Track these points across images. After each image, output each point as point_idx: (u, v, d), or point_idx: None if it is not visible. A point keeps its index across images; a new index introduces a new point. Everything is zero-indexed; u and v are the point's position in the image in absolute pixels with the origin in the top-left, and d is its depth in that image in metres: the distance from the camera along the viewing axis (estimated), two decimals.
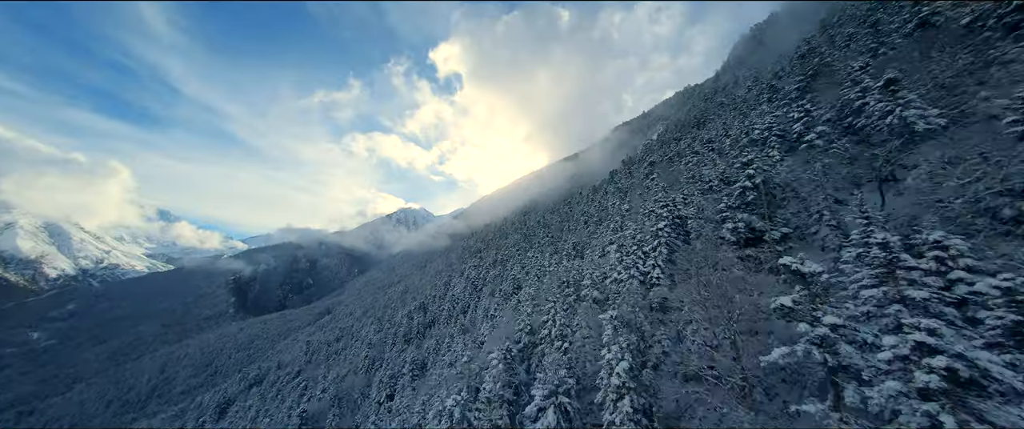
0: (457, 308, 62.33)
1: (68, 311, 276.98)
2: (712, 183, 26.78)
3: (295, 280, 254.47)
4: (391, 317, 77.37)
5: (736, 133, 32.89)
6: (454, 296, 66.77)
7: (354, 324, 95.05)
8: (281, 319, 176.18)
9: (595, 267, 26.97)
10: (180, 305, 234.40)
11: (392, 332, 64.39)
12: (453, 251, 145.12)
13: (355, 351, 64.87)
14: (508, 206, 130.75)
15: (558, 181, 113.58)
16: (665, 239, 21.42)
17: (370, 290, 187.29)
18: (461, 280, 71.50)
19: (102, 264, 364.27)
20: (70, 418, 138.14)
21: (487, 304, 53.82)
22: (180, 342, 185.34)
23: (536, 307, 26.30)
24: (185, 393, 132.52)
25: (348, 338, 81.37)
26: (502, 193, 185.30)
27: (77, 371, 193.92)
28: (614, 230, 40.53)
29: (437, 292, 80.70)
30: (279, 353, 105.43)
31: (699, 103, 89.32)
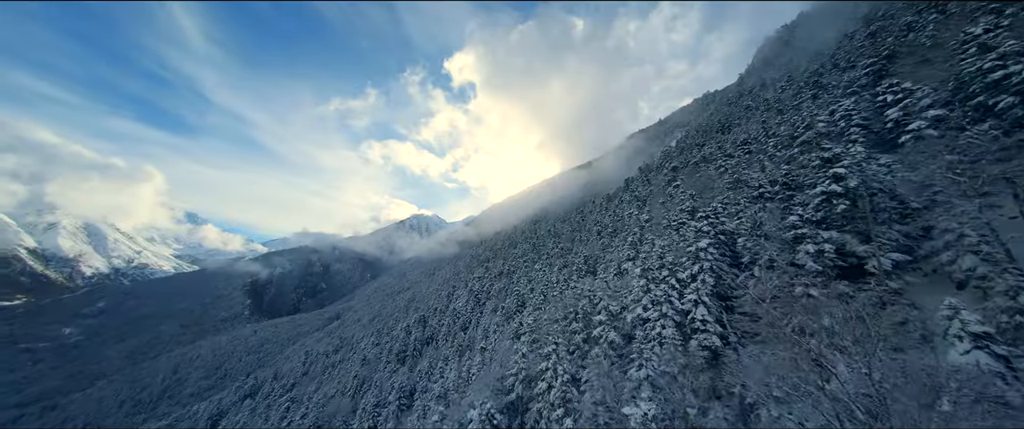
0: (457, 324, 56.60)
1: (98, 308, 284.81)
2: (763, 189, 20.46)
3: (309, 284, 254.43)
4: (391, 329, 72.30)
5: (789, 129, 26.37)
6: (456, 310, 61.14)
7: (356, 333, 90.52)
8: (291, 323, 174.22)
9: (611, 292, 20.96)
10: (199, 306, 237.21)
11: (388, 347, 59.11)
12: (461, 259, 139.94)
13: (348, 367, 59.87)
14: (518, 214, 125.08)
15: (570, 189, 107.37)
16: (710, 263, 15.28)
17: (379, 296, 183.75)
18: (464, 292, 65.92)
19: (133, 264, 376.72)
20: (86, 416, 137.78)
21: (488, 322, 47.96)
22: (195, 343, 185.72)
23: (535, 345, 20.37)
24: (194, 395, 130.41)
25: (347, 349, 76.66)
26: (513, 201, 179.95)
27: (100, 368, 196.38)
28: (632, 244, 34.22)
29: (440, 304, 75.30)
30: (284, 360, 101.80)
31: (722, 107, 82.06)
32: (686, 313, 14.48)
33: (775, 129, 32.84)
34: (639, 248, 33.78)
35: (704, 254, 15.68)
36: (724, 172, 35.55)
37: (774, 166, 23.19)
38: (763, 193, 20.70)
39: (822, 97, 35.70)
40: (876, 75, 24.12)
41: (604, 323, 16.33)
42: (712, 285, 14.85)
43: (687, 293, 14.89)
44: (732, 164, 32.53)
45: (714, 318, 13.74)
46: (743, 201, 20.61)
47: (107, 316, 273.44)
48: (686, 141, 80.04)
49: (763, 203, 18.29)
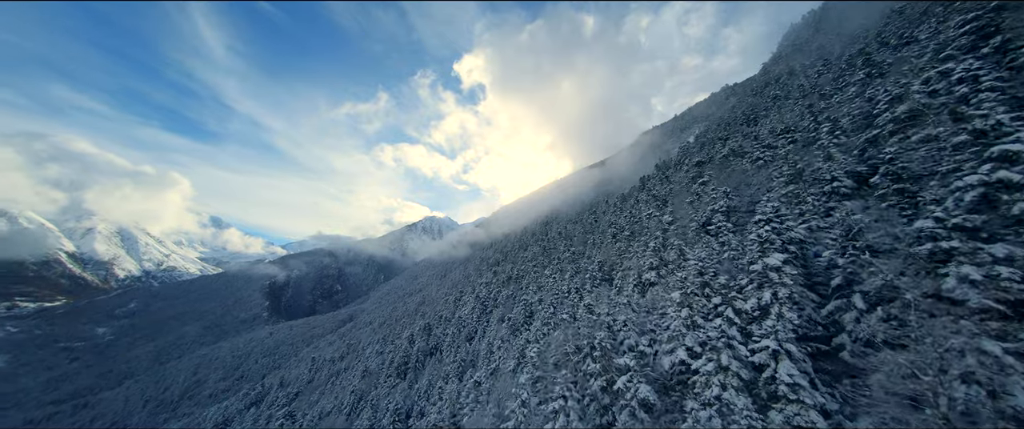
0: (462, 333, 52.19)
1: (129, 309, 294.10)
2: (838, 182, 15.18)
3: (325, 285, 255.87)
4: (396, 335, 68.64)
5: (860, 108, 20.73)
6: (461, 318, 56.77)
7: (363, 339, 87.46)
8: (306, 325, 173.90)
9: (636, 318, 16.04)
10: (221, 307, 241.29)
11: (391, 358, 55.23)
12: (471, 262, 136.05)
13: (350, 377, 56.34)
14: (529, 215, 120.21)
15: (582, 189, 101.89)
16: (790, 290, 10.22)
17: (391, 299, 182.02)
18: (471, 298, 61.53)
19: (162, 266, 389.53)
20: (113, 415, 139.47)
21: (494, 334, 43.34)
22: (216, 344, 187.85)
23: (538, 386, 15.58)
24: (212, 396, 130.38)
25: (352, 356, 73.41)
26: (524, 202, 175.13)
27: (129, 367, 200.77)
28: (655, 250, 28.97)
29: (446, 310, 71.22)
30: (293, 365, 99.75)
31: (746, 99, 75.30)
32: (759, 368, 9.51)
33: (828, 113, 27.14)
34: (663, 255, 28.54)
35: (778, 275, 10.65)
36: (764, 165, 29.91)
37: (844, 154, 17.80)
38: (837, 188, 15.35)
39: (879, 76, 29.83)
40: (978, 34, 18.37)
41: (632, 370, 11.49)
42: (795, 324, 9.85)
43: (758, 335, 9.88)
44: (777, 155, 26.98)
45: (807, 380, 8.72)
46: (812, 199, 15.33)
47: (137, 317, 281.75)
48: (707, 135, 73.63)
49: (862, 200, 13.00)
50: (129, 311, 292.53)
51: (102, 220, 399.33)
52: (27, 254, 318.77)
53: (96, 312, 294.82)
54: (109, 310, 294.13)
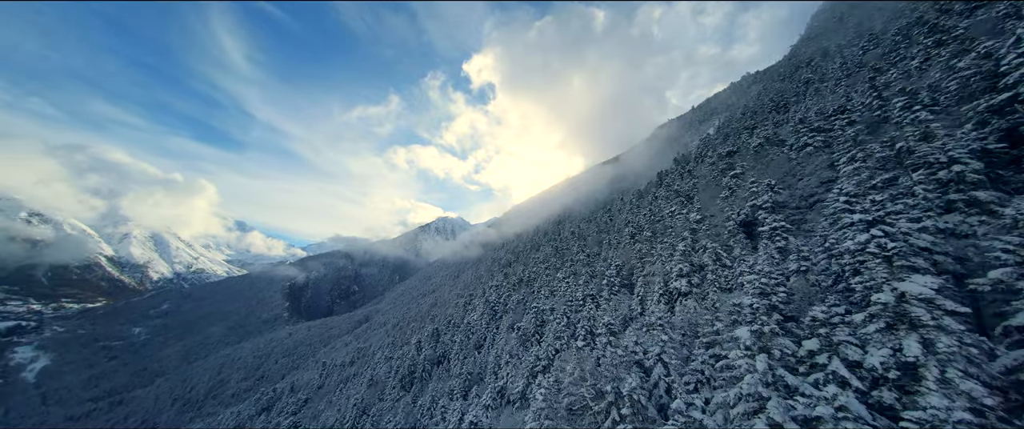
0: (471, 341, 48.71)
1: (162, 310, 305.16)
2: (964, 167, 10.69)
3: (342, 286, 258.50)
4: (405, 340, 65.92)
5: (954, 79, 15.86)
6: (470, 324, 53.33)
7: (373, 343, 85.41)
8: (323, 326, 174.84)
9: (671, 350, 11.97)
10: (245, 308, 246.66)
11: (398, 365, 52.36)
12: (483, 262, 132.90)
13: (357, 385, 53.86)
14: (541, 214, 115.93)
15: (595, 186, 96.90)
16: (959, 340, 6.05)
17: (405, 300, 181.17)
18: (480, 302, 58.00)
19: (192, 269, 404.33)
20: (144, 412, 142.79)
21: (503, 344, 39.62)
22: (239, 344, 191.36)
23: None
24: (235, 396, 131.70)
25: (362, 362, 71.23)
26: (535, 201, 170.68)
27: (160, 366, 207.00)
28: (684, 254, 24.51)
29: (456, 314, 68.05)
30: (306, 369, 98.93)
31: (773, 84, 68.92)
32: None
33: (899, 87, 22.03)
34: (694, 259, 24.09)
35: (928, 312, 6.36)
36: (815, 151, 24.95)
37: (949, 130, 13.14)
38: (962, 173, 10.77)
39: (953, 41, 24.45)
40: None
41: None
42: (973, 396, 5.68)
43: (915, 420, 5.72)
44: (835, 138, 22.11)
45: None
46: (923, 190, 10.83)
47: (169, 317, 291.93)
48: (730, 126, 67.61)
49: (999, 189, 8.56)
50: (162, 312, 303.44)
51: (137, 226, 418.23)
52: (70, 258, 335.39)
53: (132, 313, 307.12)
54: (144, 311, 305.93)
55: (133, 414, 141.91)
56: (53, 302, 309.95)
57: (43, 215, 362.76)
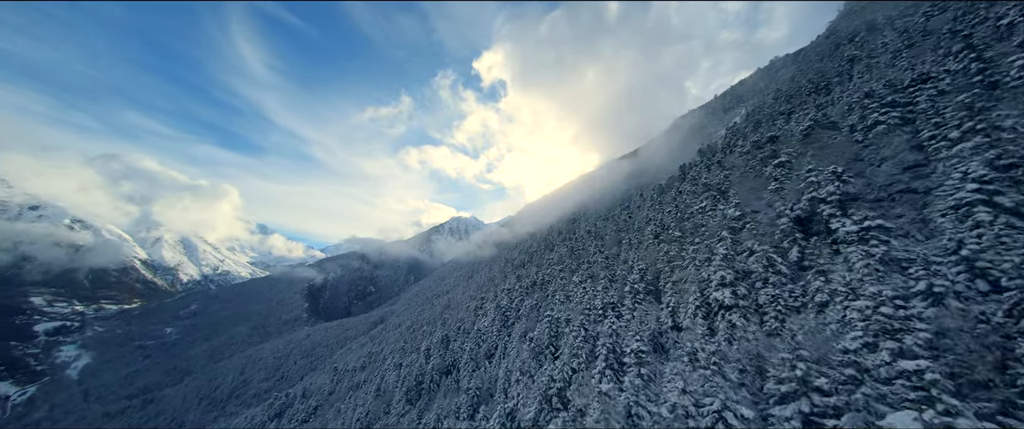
0: (481, 349, 45.72)
1: (191, 311, 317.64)
2: None
3: (359, 287, 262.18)
4: (416, 346, 63.74)
5: None
6: (480, 330, 50.35)
7: (385, 347, 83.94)
8: (339, 327, 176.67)
9: (738, 408, 8.49)
10: (266, 309, 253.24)
11: (406, 373, 50.06)
12: (496, 262, 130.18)
13: (364, 395, 51.93)
14: (555, 213, 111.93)
15: (612, 182, 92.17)
16: None
17: (419, 301, 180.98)
18: (492, 306, 54.92)
19: (218, 271, 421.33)
20: (172, 411, 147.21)
21: (515, 356, 36.38)
22: (261, 344, 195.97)
23: None
24: (256, 396, 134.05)
25: (372, 367, 69.64)
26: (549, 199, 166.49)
27: (189, 365, 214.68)
28: (726, 260, 20.48)
29: (467, 318, 65.38)
30: (320, 372, 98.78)
31: (811, 65, 62.66)
32: None
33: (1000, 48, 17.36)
34: (738, 264, 20.09)
35: None
36: (890, 131, 20.33)
37: None
38: None
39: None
40: None
41: None
42: None
43: None
44: (925, 113, 17.62)
45: None
46: None
47: (197, 317, 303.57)
48: (762, 112, 61.89)
49: None
50: (191, 312, 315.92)
51: (167, 230, 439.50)
52: (109, 262, 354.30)
53: (164, 313, 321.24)
54: (175, 311, 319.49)
55: (163, 412, 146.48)
56: (94, 303, 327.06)
57: (84, 221, 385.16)
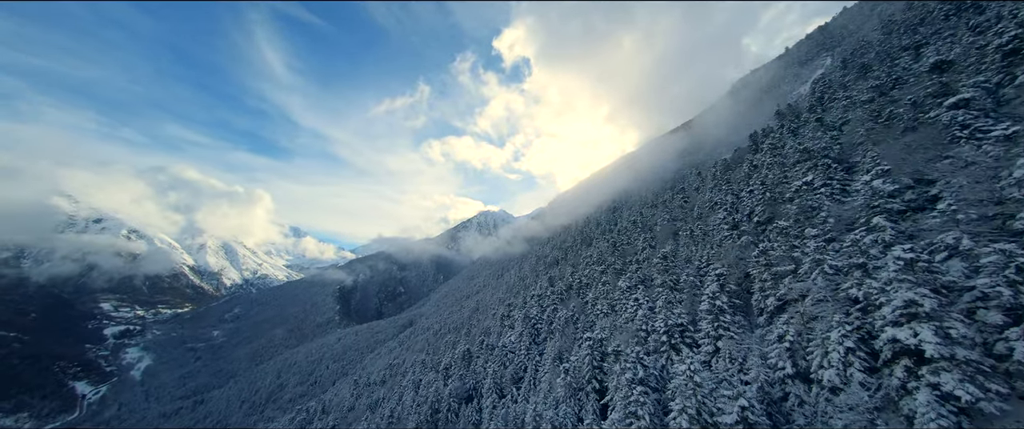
0: (506, 372, 39.61)
1: (235, 314, 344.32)
2: None
3: (388, 288, 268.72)
4: (436, 362, 59.39)
5: None
6: (506, 346, 44.26)
7: (408, 358, 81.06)
8: (369, 331, 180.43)
9: None
10: (301, 312, 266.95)
11: (422, 397, 45.39)
12: (527, 260, 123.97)
13: (378, 418, 48.10)
14: (591, 201, 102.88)
15: (661, 162, 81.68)
16: None
17: (448, 302, 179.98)
18: (520, 316, 48.53)
19: (257, 275, 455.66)
20: (218, 413, 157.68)
21: (546, 391, 29.76)
22: (296, 348, 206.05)
23: None
24: (292, 400, 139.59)
25: (393, 381, 66.56)
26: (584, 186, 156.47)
27: (233, 367, 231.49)
28: (908, 266, 12.28)
29: (493, 328, 59.74)
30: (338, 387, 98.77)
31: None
32: None
33: None
34: (934, 276, 11.85)
35: None
36: None
37: None
38: None
39: None
40: None
41: None
42: None
43: None
44: None
45: None
46: None
47: (240, 321, 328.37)
48: (870, 52, 49.31)
49: None
50: (235, 316, 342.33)
51: (210, 236, 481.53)
52: (161, 268, 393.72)
53: (212, 317, 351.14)
54: (220, 315, 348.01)
55: (210, 414, 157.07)
56: (152, 308, 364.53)
57: (139, 231, 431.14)
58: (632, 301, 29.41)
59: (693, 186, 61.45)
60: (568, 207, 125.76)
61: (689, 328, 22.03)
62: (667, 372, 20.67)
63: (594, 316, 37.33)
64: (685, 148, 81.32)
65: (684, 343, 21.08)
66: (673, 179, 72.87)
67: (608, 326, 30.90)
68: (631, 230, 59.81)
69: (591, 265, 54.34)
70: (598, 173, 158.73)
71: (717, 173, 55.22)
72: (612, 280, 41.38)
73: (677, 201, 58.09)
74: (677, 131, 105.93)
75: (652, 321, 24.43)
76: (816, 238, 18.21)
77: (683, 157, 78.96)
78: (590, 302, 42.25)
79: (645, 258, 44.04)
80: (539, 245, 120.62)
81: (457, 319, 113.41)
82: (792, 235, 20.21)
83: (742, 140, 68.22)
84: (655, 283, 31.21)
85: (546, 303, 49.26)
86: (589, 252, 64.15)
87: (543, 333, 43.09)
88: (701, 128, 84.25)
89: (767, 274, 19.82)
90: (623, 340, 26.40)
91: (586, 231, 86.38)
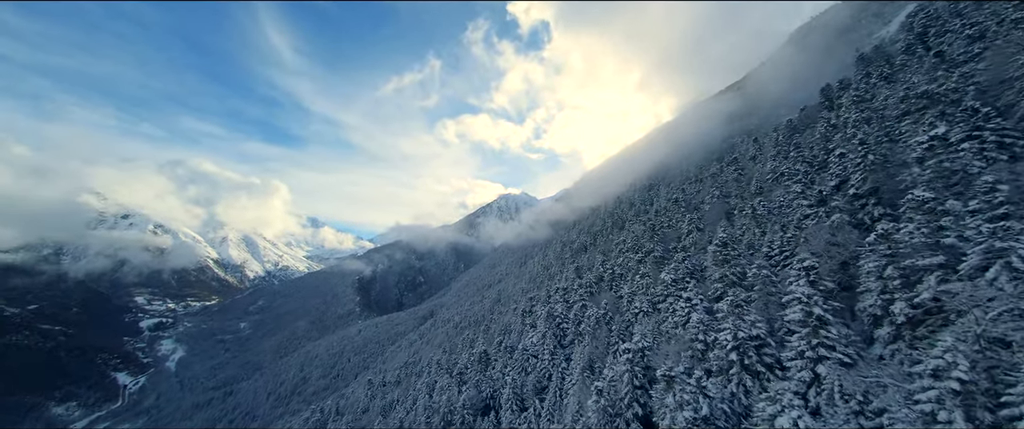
0: (528, 381, 36.11)
1: (259, 306, 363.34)
2: None
3: (408, 277, 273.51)
4: (453, 362, 57.06)
5: None
6: (528, 350, 40.67)
7: (425, 355, 79.94)
8: (389, 323, 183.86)
9: None
10: (322, 303, 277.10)
11: (435, 405, 43.02)
12: (551, 247, 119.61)
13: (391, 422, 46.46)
14: (622, 179, 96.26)
15: (704, 129, 73.96)
16: None
17: (469, 292, 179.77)
18: (543, 313, 44.52)
19: (278, 266, 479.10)
20: (246, 405, 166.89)
21: (573, 408, 25.86)
22: (318, 340, 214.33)
23: None
24: (315, 394, 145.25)
25: (407, 381, 65.36)
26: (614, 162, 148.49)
27: (259, 359, 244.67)
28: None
29: (514, 325, 56.42)
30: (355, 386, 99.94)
31: None
32: None
33: None
34: None
35: None
36: None
37: None
38: None
39: None
40: None
41: None
42: None
43: None
44: None
45: None
46: None
47: (264, 313, 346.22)
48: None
49: None
50: (259, 308, 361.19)
51: (231, 229, 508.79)
52: (187, 262, 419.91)
53: (237, 309, 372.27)
54: (245, 307, 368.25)
55: (239, 406, 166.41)
56: (181, 301, 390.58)
57: (164, 226, 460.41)
58: (682, 301, 24.52)
59: (748, 155, 54.35)
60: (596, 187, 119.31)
61: (768, 342, 17.10)
62: (739, 405, 16.02)
63: (631, 316, 32.75)
64: (735, 111, 72.92)
65: (763, 365, 16.26)
66: (721, 149, 65.43)
67: (650, 331, 26.30)
68: (672, 210, 53.93)
69: (625, 252, 49.30)
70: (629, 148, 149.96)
71: (780, 138, 48.02)
72: (652, 271, 36.42)
73: (729, 174, 51.50)
74: (724, 94, 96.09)
75: (712, 330, 19.62)
76: (982, 215, 12.64)
77: (732, 123, 70.89)
78: (626, 298, 37.60)
79: (692, 243, 38.60)
80: (565, 230, 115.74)
81: (477, 312, 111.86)
82: (932, 211, 14.58)
83: (810, 97, 59.81)
84: (710, 277, 26.10)
85: (573, 298, 45.02)
86: (622, 237, 58.89)
87: (569, 334, 39.06)
88: (755, 87, 75.20)
89: (892, 269, 14.44)
90: (672, 353, 21.80)
91: (617, 213, 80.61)
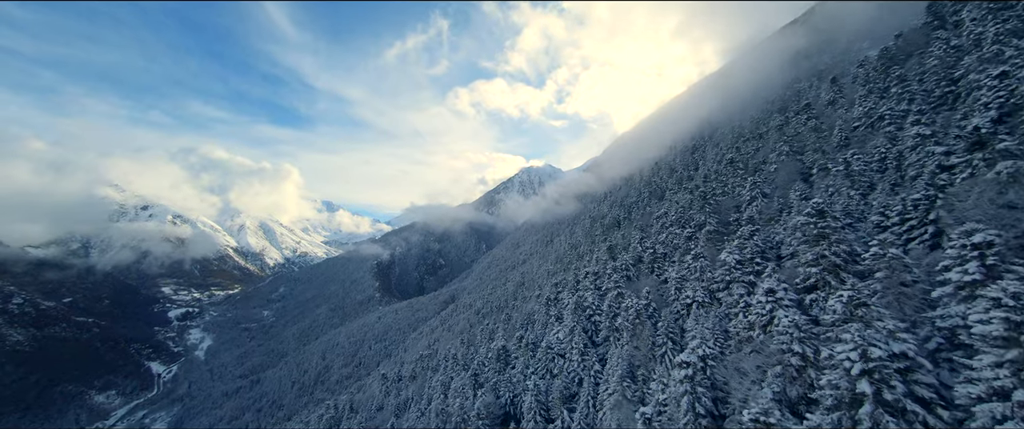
0: (553, 387, 32.10)
1: (281, 294, 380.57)
2: None
3: (428, 260, 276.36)
4: (472, 355, 54.40)
5: None
6: (552, 347, 36.57)
7: (442, 346, 78.24)
8: (409, 309, 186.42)
9: None
10: (342, 289, 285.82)
11: (451, 406, 40.24)
12: (579, 223, 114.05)
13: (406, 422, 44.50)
14: (661, 142, 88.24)
15: (763, 75, 64.74)
16: None
17: (491, 274, 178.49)
18: (570, 302, 40.05)
19: (297, 253, 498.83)
20: (272, 393, 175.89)
21: None
22: (338, 327, 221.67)
23: None
24: (338, 382, 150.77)
25: (423, 375, 63.68)
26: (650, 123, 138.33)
27: (283, 347, 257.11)
28: None
29: (537, 314, 52.62)
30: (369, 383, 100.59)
31: None
32: None
33: None
34: None
35: None
36: None
37: None
38: None
39: None
40: None
41: None
42: None
43: None
44: None
45: None
46: None
47: (286, 301, 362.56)
48: None
49: None
50: (280, 295, 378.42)
51: (248, 217, 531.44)
52: (208, 251, 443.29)
53: (260, 297, 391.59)
54: (267, 295, 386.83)
55: (265, 395, 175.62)
56: (206, 290, 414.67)
57: (182, 216, 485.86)
58: (761, 294, 18.99)
59: (825, 100, 46.11)
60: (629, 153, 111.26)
61: (921, 363, 11.69)
62: None
63: (681, 309, 27.60)
64: (802, 49, 63.14)
65: (916, 399, 10.97)
66: (783, 96, 56.88)
67: (711, 334, 21.14)
68: (726, 173, 47.12)
69: (668, 227, 43.38)
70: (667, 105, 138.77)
71: (871, 73, 39.87)
72: (708, 250, 30.78)
73: (799, 124, 43.92)
74: (785, 30, 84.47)
75: (812, 337, 14.28)
76: None
77: (798, 63, 61.45)
78: (673, 284, 32.32)
79: (758, 211, 32.43)
80: (594, 203, 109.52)
81: (499, 296, 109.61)
82: None
83: (903, 21, 50.29)
84: (801, 258, 20.35)
85: (606, 285, 40.09)
86: (663, 209, 52.77)
87: (603, 330, 34.46)
88: (826, 18, 64.66)
89: None
90: (749, 368, 16.65)
91: (655, 181, 73.73)
